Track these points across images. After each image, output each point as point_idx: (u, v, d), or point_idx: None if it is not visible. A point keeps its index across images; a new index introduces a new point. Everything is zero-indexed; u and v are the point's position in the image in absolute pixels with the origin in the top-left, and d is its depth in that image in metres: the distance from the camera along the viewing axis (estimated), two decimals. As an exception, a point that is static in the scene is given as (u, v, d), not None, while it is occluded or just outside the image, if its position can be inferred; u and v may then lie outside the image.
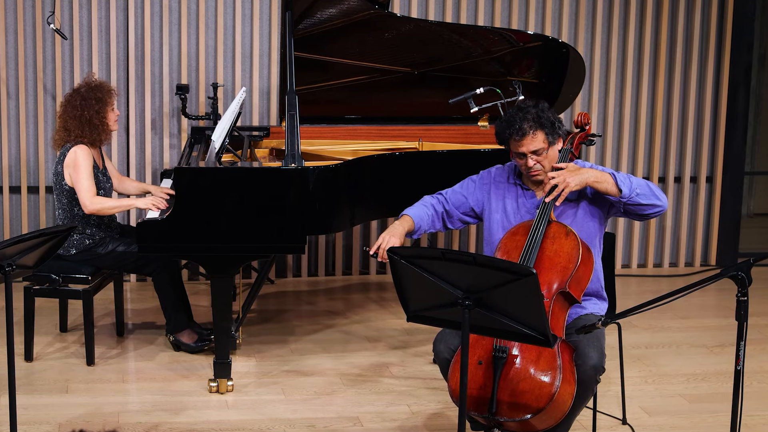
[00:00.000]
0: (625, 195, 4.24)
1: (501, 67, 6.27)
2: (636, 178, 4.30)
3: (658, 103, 7.76)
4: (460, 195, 4.66)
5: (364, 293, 7.21)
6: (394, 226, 4.46)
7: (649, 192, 4.27)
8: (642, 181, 4.29)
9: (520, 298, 3.55)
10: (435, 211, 4.64)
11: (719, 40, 7.78)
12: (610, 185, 4.26)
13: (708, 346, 6.13)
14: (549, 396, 3.98)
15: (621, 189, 4.23)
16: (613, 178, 4.26)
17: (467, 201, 4.64)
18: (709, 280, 3.63)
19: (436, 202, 4.67)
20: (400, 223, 4.49)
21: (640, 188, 4.26)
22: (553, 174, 4.30)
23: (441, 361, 4.29)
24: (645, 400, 5.28)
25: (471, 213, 4.66)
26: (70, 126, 5.66)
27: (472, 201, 4.63)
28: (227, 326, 5.30)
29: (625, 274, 7.74)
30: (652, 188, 4.28)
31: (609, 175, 4.27)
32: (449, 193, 4.69)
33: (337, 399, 5.25)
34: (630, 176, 4.29)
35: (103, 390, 5.31)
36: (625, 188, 4.23)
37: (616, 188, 4.25)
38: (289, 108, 5.26)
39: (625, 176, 4.28)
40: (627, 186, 4.24)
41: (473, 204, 4.63)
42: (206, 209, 5.10)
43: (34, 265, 4.16)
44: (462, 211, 4.66)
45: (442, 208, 4.66)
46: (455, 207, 4.65)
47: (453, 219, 4.68)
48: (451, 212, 4.66)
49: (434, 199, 4.68)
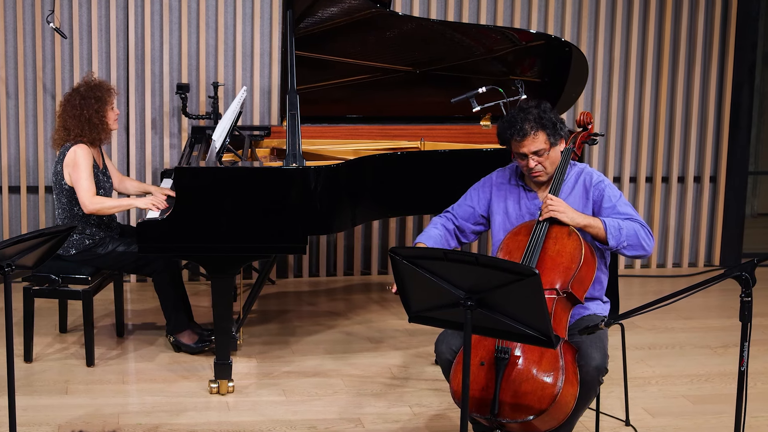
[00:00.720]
0: (612, 246, 4.32)
1: (503, 66, 6.26)
2: (627, 225, 4.32)
3: (661, 103, 7.76)
4: (467, 207, 4.67)
5: (366, 294, 7.21)
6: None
7: (636, 243, 4.32)
8: (633, 229, 4.32)
9: (522, 299, 3.55)
10: (446, 230, 4.64)
11: (723, 39, 7.78)
12: (599, 231, 4.31)
13: (712, 347, 6.13)
14: (552, 397, 3.98)
15: (609, 241, 4.30)
16: (603, 226, 4.30)
17: (475, 210, 4.64)
18: (713, 280, 3.63)
19: (444, 220, 4.67)
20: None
21: (629, 239, 4.31)
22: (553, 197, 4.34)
23: (443, 362, 4.29)
24: (648, 401, 5.27)
25: (482, 220, 4.66)
26: (69, 125, 5.66)
27: (479, 208, 4.63)
28: (228, 327, 5.29)
29: (629, 275, 7.74)
30: (641, 238, 4.31)
31: (600, 222, 4.32)
32: (455, 208, 4.70)
33: (339, 400, 5.24)
34: (621, 225, 4.31)
35: (103, 391, 5.31)
36: (613, 241, 4.30)
37: (605, 237, 4.31)
38: (290, 107, 5.26)
39: (616, 227, 4.30)
40: (615, 239, 4.30)
41: (481, 211, 4.63)
42: (207, 209, 5.10)
43: (33, 265, 4.16)
44: (472, 222, 4.66)
45: (452, 225, 4.66)
46: (465, 220, 4.66)
47: (466, 233, 4.69)
48: (462, 227, 4.67)
49: (442, 218, 4.69)
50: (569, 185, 4.49)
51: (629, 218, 4.35)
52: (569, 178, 4.50)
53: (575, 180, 4.49)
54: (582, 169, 4.52)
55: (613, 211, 4.38)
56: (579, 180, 4.49)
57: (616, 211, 4.38)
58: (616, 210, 4.38)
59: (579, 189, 4.48)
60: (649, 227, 4.35)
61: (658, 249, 7.99)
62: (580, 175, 4.50)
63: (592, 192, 4.45)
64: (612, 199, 4.41)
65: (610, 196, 4.42)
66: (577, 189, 4.48)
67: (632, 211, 4.39)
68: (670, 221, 7.93)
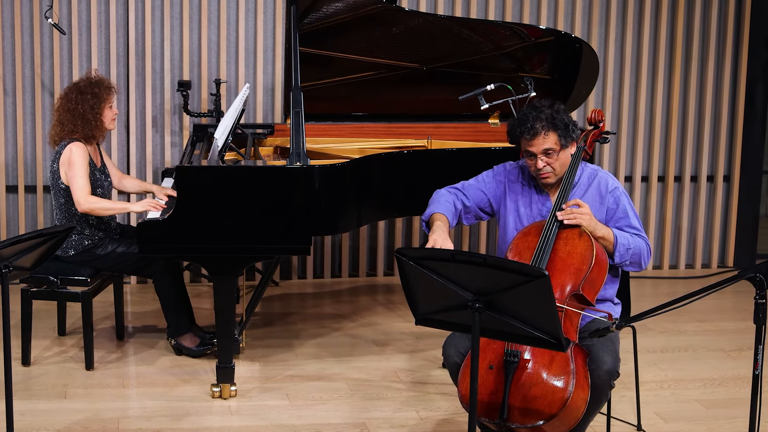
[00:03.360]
0: (615, 261, 4.40)
1: (512, 62, 6.26)
2: (636, 244, 4.40)
3: (673, 100, 7.75)
4: (478, 190, 4.66)
5: (372, 295, 7.21)
6: (440, 227, 4.47)
7: (637, 261, 4.44)
8: (639, 249, 4.41)
9: (531, 301, 3.55)
10: (455, 208, 4.65)
11: (737, 34, 7.77)
12: (608, 246, 4.38)
13: (725, 350, 6.13)
14: (562, 401, 3.98)
15: (614, 257, 4.38)
16: (614, 242, 4.37)
17: (486, 196, 4.65)
18: (727, 282, 3.63)
19: (455, 198, 4.66)
20: (443, 224, 4.50)
21: (633, 258, 4.41)
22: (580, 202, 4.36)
23: (451, 365, 4.29)
24: (660, 405, 5.27)
25: (488, 208, 4.67)
26: (64, 120, 5.66)
27: (491, 196, 4.64)
28: (230, 330, 5.30)
29: (640, 276, 7.73)
30: (642, 258, 4.43)
31: (612, 237, 4.37)
32: (466, 188, 4.68)
33: (344, 405, 5.25)
34: (630, 243, 4.39)
35: (103, 395, 5.32)
36: (618, 258, 4.39)
37: (611, 252, 4.38)
38: (294, 105, 5.26)
39: (626, 246, 4.38)
40: (620, 257, 4.38)
41: (492, 199, 4.64)
42: (209, 209, 5.10)
43: (31, 266, 4.16)
44: (480, 206, 4.67)
45: (461, 205, 4.66)
46: (474, 203, 4.66)
47: (469, 215, 4.70)
48: (470, 208, 4.67)
49: (452, 195, 4.67)
50: (582, 188, 4.48)
51: (638, 234, 4.44)
52: (581, 179, 4.49)
53: (588, 182, 4.49)
54: (596, 172, 4.52)
55: (626, 224, 4.45)
56: (593, 183, 4.48)
57: (629, 224, 4.46)
58: (629, 223, 4.46)
59: (593, 193, 4.47)
60: (649, 243, 4.47)
61: (670, 250, 7.98)
62: (594, 177, 4.50)
63: (607, 198, 4.46)
64: (627, 210, 4.47)
65: (626, 206, 4.48)
66: (591, 192, 4.47)
67: (640, 225, 4.49)
68: (683, 221, 7.92)
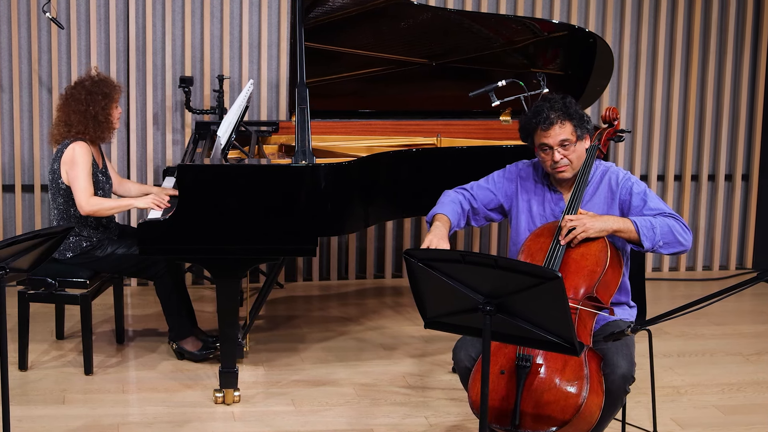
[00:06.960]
0: (647, 248, 4.27)
1: (524, 58, 6.26)
2: (660, 222, 4.27)
3: (690, 97, 7.74)
4: (488, 191, 4.65)
5: (379, 298, 7.21)
6: (437, 227, 4.44)
7: (673, 239, 4.26)
8: (666, 225, 4.27)
9: (544, 304, 3.55)
10: (462, 209, 4.63)
11: (755, 29, 7.76)
12: (632, 234, 4.27)
13: (744, 354, 6.12)
14: (575, 407, 3.97)
15: (643, 243, 4.25)
16: (635, 228, 4.26)
17: (496, 197, 4.63)
18: (746, 284, 3.62)
19: (462, 198, 4.65)
20: (443, 225, 4.48)
21: (664, 237, 4.26)
22: (572, 217, 4.28)
23: (461, 370, 4.29)
24: (677, 411, 5.27)
25: (499, 209, 4.65)
26: (72, 120, 5.65)
27: (502, 197, 4.63)
28: (233, 333, 5.30)
29: (656, 278, 7.73)
30: (676, 233, 4.26)
31: (631, 224, 4.27)
32: (475, 189, 4.67)
33: (350, 410, 5.25)
34: (653, 223, 4.26)
35: (102, 401, 5.32)
36: (648, 242, 4.25)
37: (638, 238, 4.26)
38: (300, 102, 5.26)
39: (648, 226, 4.26)
40: (650, 239, 4.25)
41: (503, 200, 4.63)
42: (211, 209, 5.10)
43: (28, 268, 4.16)
44: (490, 208, 4.65)
45: (468, 206, 4.65)
46: (483, 204, 4.65)
47: (478, 216, 4.68)
48: (478, 209, 4.66)
49: (460, 195, 4.66)
50: (593, 186, 4.47)
51: (661, 213, 4.32)
52: (594, 178, 4.48)
53: (600, 180, 4.48)
54: (607, 168, 4.50)
55: (644, 208, 4.35)
56: (604, 180, 4.47)
57: (647, 208, 4.35)
58: (647, 206, 4.35)
59: (604, 189, 4.46)
60: (683, 219, 4.32)
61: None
62: (605, 174, 4.48)
63: (618, 192, 4.42)
64: (640, 195, 4.38)
65: (638, 192, 4.38)
66: (601, 190, 4.46)
67: (663, 206, 4.35)
68: (701, 222, 7.92)
